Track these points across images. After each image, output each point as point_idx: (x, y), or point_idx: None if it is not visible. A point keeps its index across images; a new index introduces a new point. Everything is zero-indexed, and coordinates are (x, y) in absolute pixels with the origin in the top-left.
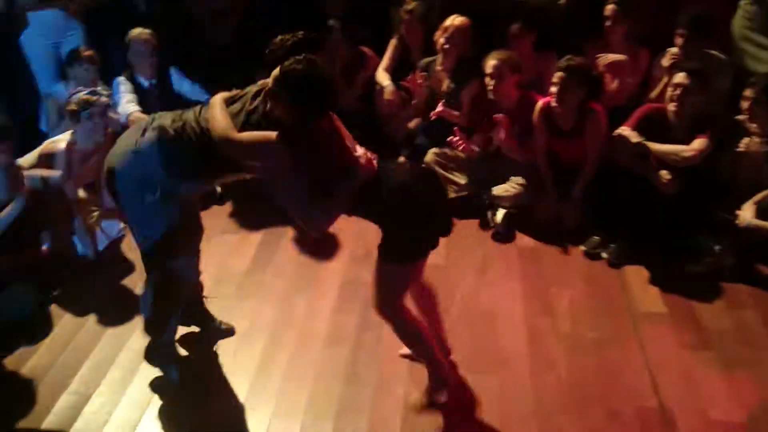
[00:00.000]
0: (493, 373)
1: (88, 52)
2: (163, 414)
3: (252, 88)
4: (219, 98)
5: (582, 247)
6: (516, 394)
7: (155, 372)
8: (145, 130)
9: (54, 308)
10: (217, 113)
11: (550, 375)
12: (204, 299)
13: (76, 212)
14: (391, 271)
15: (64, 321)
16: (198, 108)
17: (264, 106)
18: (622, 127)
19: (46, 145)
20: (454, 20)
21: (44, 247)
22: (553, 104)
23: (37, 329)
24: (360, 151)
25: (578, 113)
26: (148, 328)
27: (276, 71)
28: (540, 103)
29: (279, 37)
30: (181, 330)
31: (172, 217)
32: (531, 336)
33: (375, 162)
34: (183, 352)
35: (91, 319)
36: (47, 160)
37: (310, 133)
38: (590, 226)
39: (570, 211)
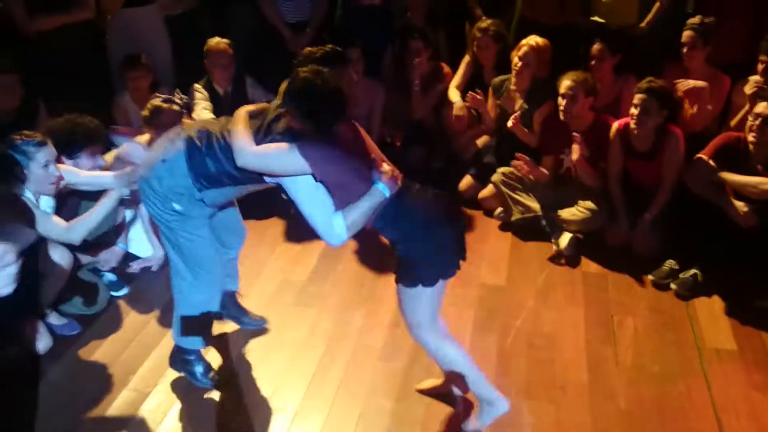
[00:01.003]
0: (550, 400)
1: (144, 60)
2: (214, 418)
3: (275, 102)
4: (243, 111)
5: (651, 276)
6: (572, 423)
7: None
8: (173, 141)
9: (122, 305)
10: (239, 126)
11: (609, 405)
12: (238, 295)
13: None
14: (412, 295)
15: (129, 318)
16: (224, 119)
17: (282, 119)
18: (699, 155)
19: (123, 148)
20: (530, 40)
21: (119, 246)
22: (632, 126)
23: (106, 326)
24: (387, 167)
25: (656, 135)
26: (182, 332)
27: (283, 85)
28: (617, 123)
29: (307, 49)
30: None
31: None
32: (591, 364)
33: (399, 181)
34: (236, 358)
35: (155, 317)
36: (122, 163)
37: (328, 142)
38: (662, 254)
39: (641, 237)
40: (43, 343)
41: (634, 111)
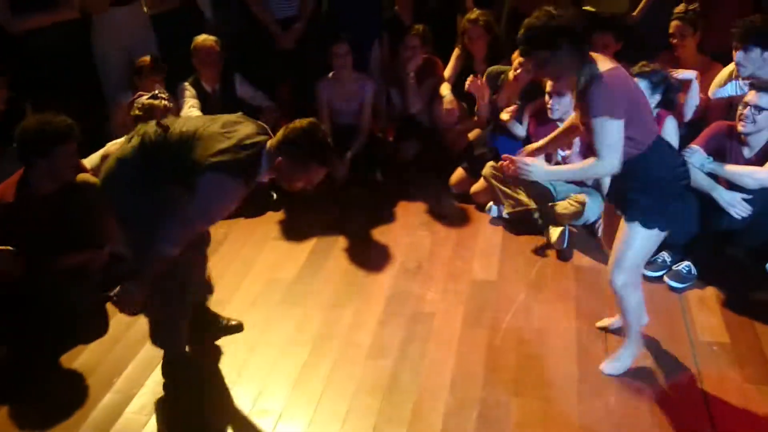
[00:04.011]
0: (538, 395)
1: (155, 63)
2: (199, 420)
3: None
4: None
5: (643, 269)
6: (561, 419)
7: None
8: (131, 138)
9: (109, 307)
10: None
11: (598, 401)
12: (207, 300)
13: None
14: (642, 236)
15: (116, 319)
16: (182, 120)
17: None
18: (691, 145)
19: (108, 148)
20: None
21: (105, 249)
22: None
23: (94, 328)
24: None
25: None
26: (155, 337)
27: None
28: None
29: None
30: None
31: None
32: (582, 359)
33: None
34: (221, 358)
35: (141, 319)
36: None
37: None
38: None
39: None
40: None
41: None
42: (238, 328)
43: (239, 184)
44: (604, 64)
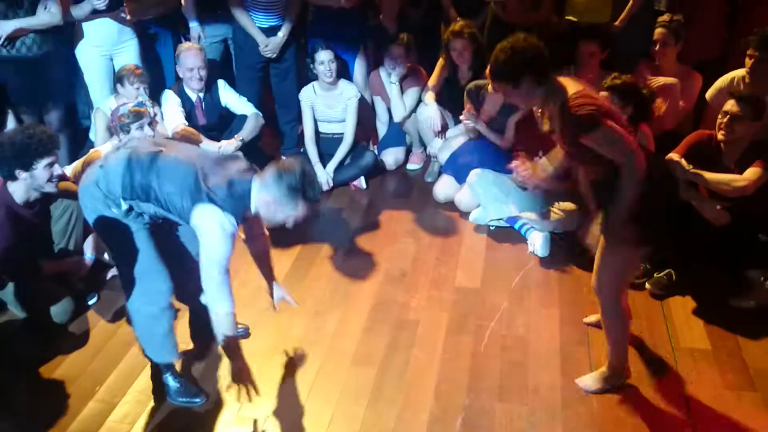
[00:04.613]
0: (522, 402)
1: (138, 70)
2: (181, 428)
3: None
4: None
5: None
6: (545, 426)
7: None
8: (118, 149)
9: (90, 316)
10: None
11: (581, 407)
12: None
13: None
14: (623, 255)
15: (97, 328)
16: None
17: None
18: (671, 154)
19: (90, 154)
20: None
21: (86, 257)
22: None
23: (74, 337)
24: None
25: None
26: (143, 349)
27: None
28: None
29: None
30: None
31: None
32: (565, 366)
33: None
34: (203, 364)
35: (123, 327)
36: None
37: None
38: None
39: None
40: None
41: None
42: (244, 335)
43: (230, 218)
44: (571, 88)
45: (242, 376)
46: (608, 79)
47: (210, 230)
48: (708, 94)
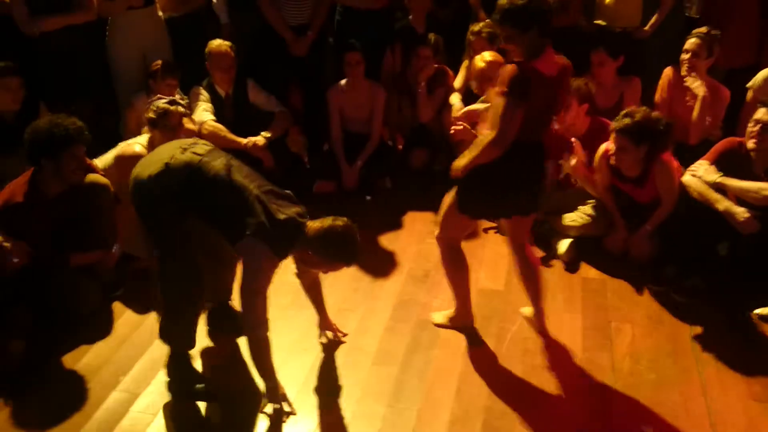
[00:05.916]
0: (543, 406)
1: (169, 66)
2: (205, 421)
3: None
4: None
5: (650, 284)
6: (566, 430)
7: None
8: (185, 150)
9: (115, 306)
10: None
11: (603, 413)
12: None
13: None
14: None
15: (123, 319)
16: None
17: None
18: (700, 161)
19: (122, 148)
20: (477, 62)
21: (114, 249)
22: (612, 162)
23: (98, 328)
24: None
25: (644, 163)
26: (162, 332)
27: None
28: (602, 147)
29: None
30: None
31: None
32: (587, 371)
33: None
34: (226, 360)
35: (149, 318)
36: (123, 162)
37: None
38: (662, 261)
39: (639, 245)
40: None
41: (611, 146)
42: None
43: (272, 257)
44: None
45: (276, 395)
46: (615, 122)
47: (254, 263)
48: (751, 84)
